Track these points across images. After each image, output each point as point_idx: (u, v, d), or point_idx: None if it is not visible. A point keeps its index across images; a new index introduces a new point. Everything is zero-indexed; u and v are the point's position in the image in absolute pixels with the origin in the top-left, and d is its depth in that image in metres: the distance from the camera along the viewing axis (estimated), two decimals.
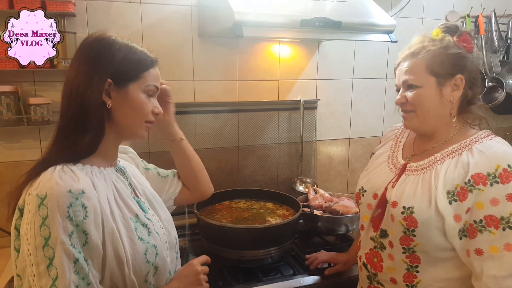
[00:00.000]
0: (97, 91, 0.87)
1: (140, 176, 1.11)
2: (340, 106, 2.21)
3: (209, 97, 1.93)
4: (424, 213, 1.02)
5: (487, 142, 1.04)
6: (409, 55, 1.10)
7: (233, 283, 1.42)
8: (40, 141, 1.70)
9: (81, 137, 0.87)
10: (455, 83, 1.07)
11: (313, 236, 1.83)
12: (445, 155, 1.07)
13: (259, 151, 2.06)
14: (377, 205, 1.17)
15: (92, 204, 0.81)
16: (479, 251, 0.97)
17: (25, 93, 1.63)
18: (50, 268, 0.76)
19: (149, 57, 0.96)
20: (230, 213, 1.67)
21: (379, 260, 1.16)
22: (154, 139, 1.83)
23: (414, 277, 1.09)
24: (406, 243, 1.08)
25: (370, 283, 1.21)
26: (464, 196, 0.99)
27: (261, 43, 1.97)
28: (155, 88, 0.97)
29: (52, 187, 0.77)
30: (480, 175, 0.98)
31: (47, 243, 0.76)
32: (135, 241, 0.89)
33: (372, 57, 2.21)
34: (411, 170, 1.13)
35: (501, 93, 2.31)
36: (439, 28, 1.12)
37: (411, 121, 1.12)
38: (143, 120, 0.96)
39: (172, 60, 1.83)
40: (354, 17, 1.60)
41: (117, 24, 1.71)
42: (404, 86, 1.11)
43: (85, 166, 0.88)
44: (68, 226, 0.77)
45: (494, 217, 0.96)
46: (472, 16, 2.31)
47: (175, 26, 1.80)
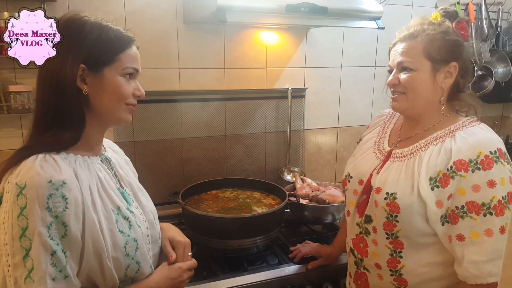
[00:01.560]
0: (71, 77, 0.84)
1: (126, 167, 1.08)
2: (328, 95, 2.19)
3: (195, 85, 1.90)
4: (406, 199, 1.03)
5: (471, 129, 1.04)
6: (407, 37, 1.08)
7: (218, 272, 1.41)
8: (22, 129, 1.67)
9: (62, 129, 0.85)
10: (448, 70, 1.07)
11: (300, 225, 1.83)
12: (429, 142, 1.08)
13: (247, 140, 2.04)
14: (363, 191, 1.17)
15: (73, 196, 0.79)
16: (461, 236, 0.98)
17: (5, 81, 1.59)
18: (26, 259, 0.75)
19: (124, 36, 0.90)
20: (216, 203, 1.65)
21: (365, 245, 1.17)
22: (139, 127, 1.80)
23: (397, 263, 1.10)
24: (389, 228, 1.08)
25: (357, 268, 1.22)
26: (446, 182, 0.99)
27: (248, 30, 1.93)
28: (134, 70, 0.92)
29: (32, 177, 0.76)
30: (462, 161, 0.98)
31: (24, 233, 0.75)
32: (116, 234, 0.87)
33: (361, 45, 2.18)
34: (395, 156, 1.13)
35: (490, 82, 2.30)
36: (439, 12, 1.11)
37: (400, 103, 1.11)
38: (122, 104, 0.91)
39: (157, 48, 1.79)
40: (341, 3, 1.57)
41: (100, 10, 1.66)
42: (398, 68, 1.10)
43: (68, 155, 0.85)
44: (46, 217, 0.75)
45: (475, 203, 0.97)
46: (462, 4, 2.28)
47: (159, 12, 1.76)
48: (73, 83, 0.85)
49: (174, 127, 1.88)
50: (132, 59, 0.91)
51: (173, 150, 1.89)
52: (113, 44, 0.88)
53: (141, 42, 0.96)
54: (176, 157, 1.90)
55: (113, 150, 1.08)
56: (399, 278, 1.11)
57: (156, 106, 1.82)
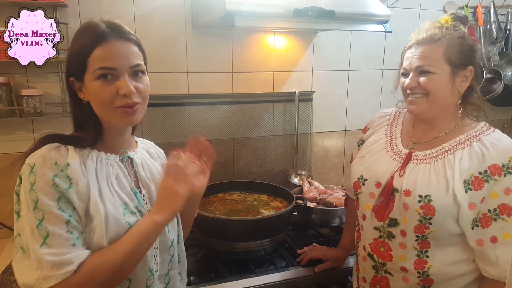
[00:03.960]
0: (70, 89, 0.91)
1: (155, 170, 1.05)
2: (335, 98, 2.19)
3: (203, 89, 1.92)
4: (441, 201, 1.05)
5: (494, 135, 1.09)
6: (427, 40, 1.09)
7: (225, 274, 1.42)
8: (34, 133, 1.70)
9: (82, 132, 0.91)
10: (465, 74, 1.09)
11: (307, 228, 1.83)
12: (453, 146, 1.09)
13: (254, 143, 2.05)
14: (381, 193, 1.16)
15: (76, 176, 0.83)
16: (494, 238, 1.02)
17: (17, 85, 1.62)
18: (39, 227, 0.79)
19: (94, 35, 0.84)
20: (224, 205, 1.66)
21: (387, 249, 1.16)
22: (148, 130, 1.82)
23: (424, 263, 1.11)
24: (420, 231, 1.09)
25: (376, 272, 1.21)
26: (480, 185, 1.03)
27: (255, 34, 1.95)
28: (104, 70, 0.84)
29: (41, 158, 0.82)
30: (496, 166, 1.02)
31: (36, 206, 0.79)
32: (121, 224, 0.87)
33: (368, 48, 2.18)
34: (418, 158, 1.13)
35: (499, 85, 2.29)
36: (450, 16, 1.12)
37: (419, 105, 1.12)
38: (111, 108, 0.87)
39: (165, 52, 1.81)
40: (348, 7, 1.58)
41: (109, 15, 1.62)
42: (416, 71, 1.11)
43: (85, 149, 0.90)
44: (54, 192, 0.80)
45: (507, 206, 1.01)
46: (471, 7, 2.27)
47: (168, 16, 1.79)
48: (74, 94, 0.91)
49: (183, 131, 1.89)
50: (103, 58, 0.84)
51: None
52: (82, 50, 0.85)
53: (149, 46, 0.96)
54: None
55: (148, 151, 1.08)
56: (425, 279, 1.12)
57: (164, 110, 1.84)
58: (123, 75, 0.86)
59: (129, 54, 0.87)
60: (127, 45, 0.87)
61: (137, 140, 1.08)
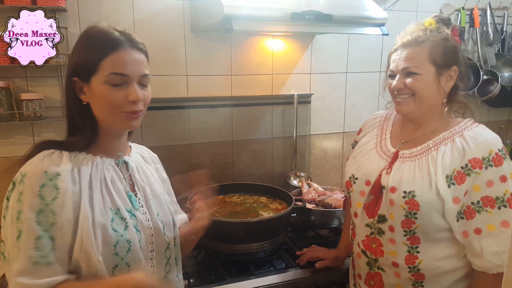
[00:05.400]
0: (70, 89, 0.92)
1: (149, 174, 1.07)
2: (334, 100, 2.21)
3: (202, 92, 1.93)
4: (425, 197, 1.07)
5: (476, 129, 1.11)
6: (412, 42, 1.12)
7: (226, 276, 1.42)
8: (33, 136, 1.71)
9: (78, 134, 0.93)
10: (449, 74, 1.13)
11: (306, 230, 1.84)
12: (437, 142, 1.12)
13: (253, 145, 2.06)
14: (370, 191, 1.20)
15: (65, 187, 0.84)
16: (478, 230, 1.05)
17: (17, 89, 1.63)
18: (19, 239, 0.80)
19: (109, 41, 0.87)
20: (223, 207, 1.67)
21: (378, 245, 1.19)
22: (148, 133, 1.83)
23: (415, 258, 1.13)
24: (407, 226, 1.12)
25: (370, 269, 1.24)
26: (462, 179, 1.05)
27: (254, 37, 1.96)
28: (119, 76, 0.87)
29: (32, 167, 0.84)
30: (476, 159, 1.04)
31: (18, 216, 0.81)
32: (108, 231, 0.87)
33: (366, 50, 2.20)
34: (404, 157, 1.17)
35: (496, 86, 2.30)
36: (433, 19, 1.16)
37: (407, 106, 1.15)
38: (117, 112, 0.89)
39: (165, 55, 1.83)
40: (346, 10, 1.59)
41: (109, 19, 1.70)
42: (402, 73, 1.14)
43: (80, 154, 0.91)
44: (37, 204, 0.81)
45: (490, 198, 1.03)
46: (467, 9, 2.30)
47: (168, 20, 1.80)
48: (74, 95, 0.91)
49: (182, 133, 1.90)
50: (117, 64, 0.87)
51: (181, 156, 1.92)
52: (95, 52, 0.87)
53: (149, 50, 0.97)
54: (184, 163, 1.93)
55: (142, 156, 1.10)
56: (416, 274, 1.14)
57: (164, 113, 1.85)
58: (133, 83, 0.90)
59: (140, 63, 0.91)
60: (139, 55, 0.92)
61: (131, 145, 1.10)
